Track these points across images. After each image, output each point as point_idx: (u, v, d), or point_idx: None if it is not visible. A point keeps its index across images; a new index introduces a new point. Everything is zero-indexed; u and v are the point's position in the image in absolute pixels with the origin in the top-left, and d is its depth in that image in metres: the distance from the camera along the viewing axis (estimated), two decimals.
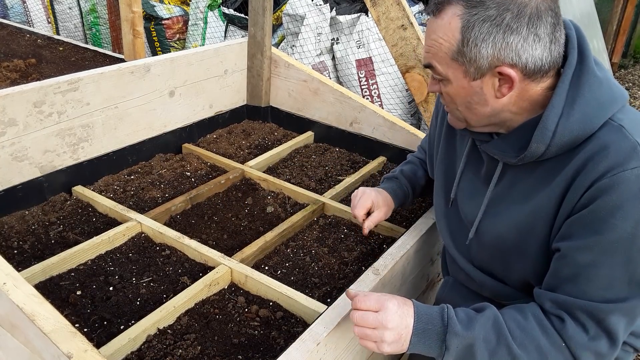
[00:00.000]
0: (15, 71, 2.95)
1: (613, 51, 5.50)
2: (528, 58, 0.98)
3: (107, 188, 1.84)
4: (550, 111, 0.99)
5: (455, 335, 1.02)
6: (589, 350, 1.00)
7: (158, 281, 1.42)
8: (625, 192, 0.93)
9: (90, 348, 0.93)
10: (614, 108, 0.99)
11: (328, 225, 1.75)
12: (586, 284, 0.99)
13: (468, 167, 1.25)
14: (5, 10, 5.16)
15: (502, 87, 1.02)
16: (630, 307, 0.98)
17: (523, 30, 0.96)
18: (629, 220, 0.94)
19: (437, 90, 1.12)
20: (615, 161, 0.95)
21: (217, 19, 4.39)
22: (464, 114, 1.10)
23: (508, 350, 1.01)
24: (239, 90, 2.40)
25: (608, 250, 0.96)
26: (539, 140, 1.01)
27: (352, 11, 3.98)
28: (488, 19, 0.96)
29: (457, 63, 1.02)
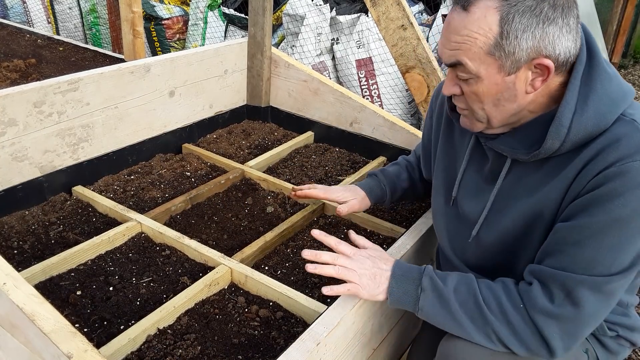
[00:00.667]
0: (15, 71, 2.95)
1: (613, 51, 5.49)
2: (561, 49, 0.97)
3: (107, 188, 1.84)
4: (565, 107, 0.99)
5: (429, 277, 1.11)
6: (547, 315, 1.00)
7: (158, 281, 1.42)
8: (630, 180, 0.94)
9: (90, 348, 0.92)
10: (625, 103, 1.00)
11: (328, 226, 1.75)
12: (568, 260, 1.00)
13: (471, 165, 1.24)
14: (5, 10, 5.16)
15: (535, 81, 1.01)
16: (602, 282, 0.97)
17: (559, 20, 0.95)
18: (627, 207, 0.94)
19: (458, 91, 1.08)
20: (626, 152, 0.95)
21: (217, 19, 4.39)
22: (489, 113, 1.06)
23: (475, 300, 1.06)
24: (239, 90, 2.40)
25: (597, 233, 0.97)
26: (554, 136, 1.00)
27: (352, 11, 3.98)
28: (528, 10, 0.94)
29: (492, 58, 0.98)
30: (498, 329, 1.04)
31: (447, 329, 1.12)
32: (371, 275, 1.15)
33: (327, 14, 3.83)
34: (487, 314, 1.04)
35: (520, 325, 1.02)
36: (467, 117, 1.13)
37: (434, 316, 1.11)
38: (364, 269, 1.15)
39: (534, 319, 1.01)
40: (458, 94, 1.08)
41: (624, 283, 0.99)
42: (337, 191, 1.54)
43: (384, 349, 1.46)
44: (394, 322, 1.45)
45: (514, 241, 1.13)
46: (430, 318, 1.12)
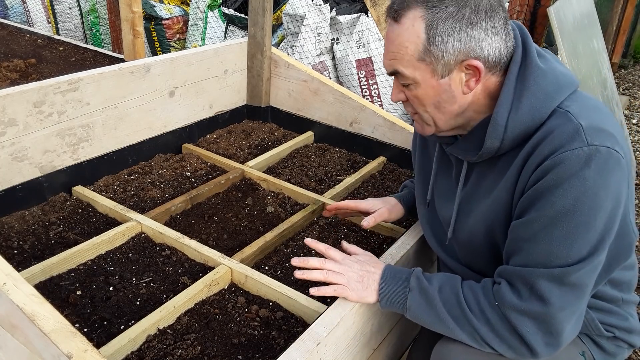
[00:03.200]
0: (15, 71, 2.95)
1: (613, 51, 5.49)
2: (490, 50, 1.03)
3: (107, 188, 1.84)
4: (500, 107, 1.04)
5: (416, 277, 1.15)
6: (518, 312, 1.02)
7: (158, 281, 1.42)
8: (566, 170, 0.97)
9: (90, 348, 0.92)
10: (561, 96, 1.04)
11: (328, 226, 1.75)
12: (526, 257, 1.03)
13: (440, 170, 1.31)
14: (5, 10, 5.16)
15: (470, 81, 1.05)
16: (561, 274, 0.99)
17: (482, 23, 1.01)
18: (567, 197, 0.97)
19: (402, 98, 1.14)
20: (559, 143, 0.99)
21: (217, 19, 4.39)
22: (433, 116, 1.12)
23: (457, 300, 1.09)
24: (239, 90, 2.40)
25: (547, 226, 0.99)
26: (492, 136, 1.06)
27: (352, 11, 3.98)
28: (450, 16, 1.00)
29: (424, 63, 1.04)
30: (478, 327, 1.06)
31: (434, 329, 1.13)
32: (359, 278, 1.18)
33: (327, 14, 3.83)
34: (467, 313, 1.07)
35: (497, 323, 1.04)
36: (417, 121, 1.18)
37: (420, 316, 1.13)
38: (352, 272, 1.18)
39: (507, 316, 1.03)
40: (403, 99, 1.14)
41: (588, 272, 1.00)
42: (369, 201, 1.55)
43: (384, 349, 1.46)
44: (394, 322, 1.45)
45: (482, 241, 1.17)
46: (417, 318, 1.14)
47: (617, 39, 5.44)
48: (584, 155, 0.96)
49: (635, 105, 5.02)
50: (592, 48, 3.52)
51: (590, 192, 0.96)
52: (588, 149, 0.96)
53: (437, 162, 1.30)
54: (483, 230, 1.16)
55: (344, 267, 1.19)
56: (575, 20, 3.20)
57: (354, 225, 1.75)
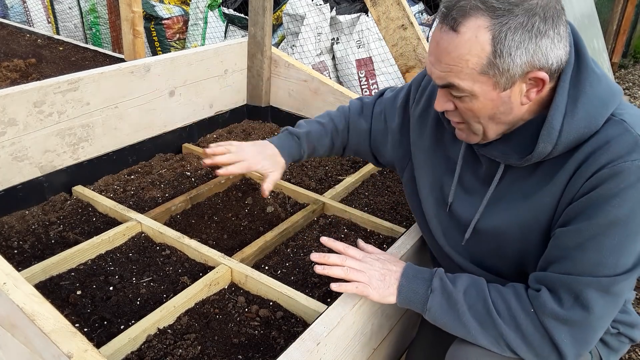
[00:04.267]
0: (16, 71, 2.95)
1: (613, 51, 5.50)
2: (554, 59, 0.97)
3: (107, 188, 1.84)
4: (555, 110, 0.99)
5: (440, 279, 1.11)
6: (558, 320, 0.99)
7: (158, 281, 1.42)
8: (624, 181, 0.94)
9: (91, 348, 0.93)
10: (614, 104, 1.00)
11: (328, 225, 1.75)
12: (572, 265, 1.00)
13: (464, 169, 1.23)
14: (5, 10, 5.16)
15: (530, 92, 1.00)
16: (608, 284, 0.97)
17: (550, 32, 0.95)
18: (624, 207, 0.95)
19: (451, 108, 1.07)
20: (617, 153, 0.96)
21: (217, 18, 4.40)
22: (485, 126, 1.06)
23: (484, 304, 1.05)
24: (239, 90, 2.40)
25: (598, 235, 0.97)
26: (546, 140, 1.00)
27: (352, 11, 3.98)
28: (520, 27, 0.92)
29: (486, 77, 0.97)
30: (506, 333, 1.03)
31: (453, 332, 1.11)
32: (381, 276, 1.14)
33: (327, 14, 3.83)
34: (496, 318, 1.04)
35: (529, 330, 1.02)
36: (462, 130, 1.12)
37: (441, 317, 1.10)
38: (374, 270, 1.15)
39: (544, 323, 1.00)
40: (451, 109, 1.07)
41: (629, 283, 0.99)
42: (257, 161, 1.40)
43: (384, 348, 1.46)
44: (394, 322, 1.45)
45: (511, 244, 1.13)
46: (437, 319, 1.11)
47: (617, 38, 5.44)
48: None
49: (636, 105, 5.03)
50: (592, 48, 3.52)
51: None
52: None
53: (462, 160, 1.22)
54: (516, 232, 1.11)
55: (365, 265, 1.15)
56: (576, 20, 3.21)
57: (354, 225, 1.75)
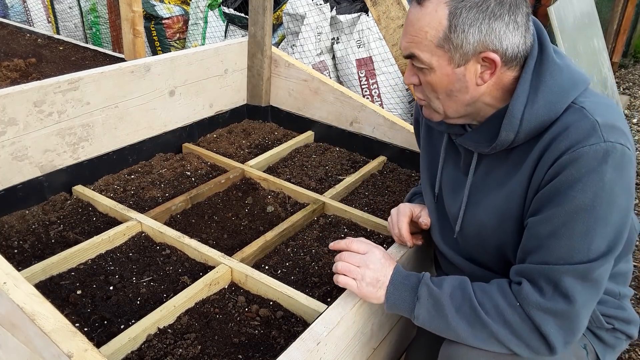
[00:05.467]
0: (16, 70, 2.95)
1: (613, 51, 5.49)
2: (508, 44, 1.02)
3: (108, 187, 1.84)
4: (516, 100, 1.04)
5: (426, 285, 1.13)
6: (542, 310, 1.01)
7: (158, 281, 1.42)
8: (584, 166, 0.97)
9: (91, 347, 0.93)
10: (575, 92, 1.04)
11: (328, 225, 1.75)
12: (547, 253, 1.02)
13: (447, 162, 1.29)
14: (5, 9, 5.16)
15: (484, 74, 1.05)
16: (584, 270, 0.99)
17: (505, 16, 1.01)
18: (587, 192, 0.97)
19: (415, 82, 1.13)
20: (576, 139, 0.99)
21: (217, 18, 4.39)
22: (443, 103, 1.12)
23: (470, 305, 1.07)
24: (239, 89, 2.40)
25: (567, 221, 1.00)
26: (507, 128, 1.05)
27: (353, 10, 3.98)
28: (475, 6, 0.99)
29: (442, 50, 1.03)
30: (496, 330, 1.05)
31: (444, 335, 1.13)
32: (374, 279, 1.16)
33: (328, 13, 3.83)
34: (483, 317, 1.06)
35: (518, 324, 1.04)
36: (426, 107, 1.18)
37: (430, 323, 1.12)
38: (369, 270, 1.17)
39: (530, 315, 1.02)
40: (416, 83, 1.13)
41: (607, 268, 1.01)
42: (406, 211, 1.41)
43: (384, 348, 1.46)
44: (395, 322, 1.46)
45: (492, 234, 1.17)
46: (426, 325, 1.13)
47: (617, 38, 5.43)
48: (601, 151, 0.97)
49: (636, 105, 5.02)
50: (592, 47, 3.52)
51: (608, 187, 0.97)
52: (605, 145, 0.97)
53: (444, 152, 1.29)
54: (494, 222, 1.15)
55: (366, 263, 1.18)
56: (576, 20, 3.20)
57: (354, 225, 1.75)
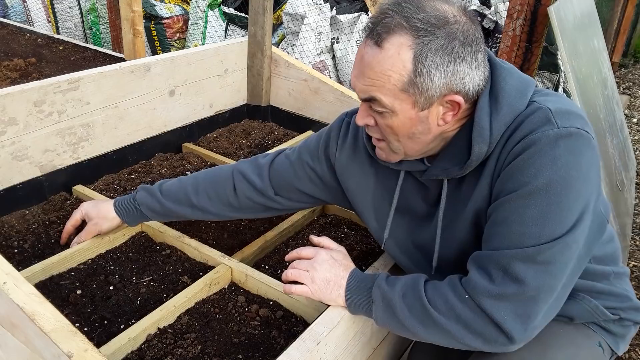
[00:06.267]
0: (16, 70, 2.95)
1: (613, 50, 5.50)
2: (471, 84, 1.01)
3: (108, 187, 1.84)
4: (481, 111, 1.02)
5: (378, 287, 1.11)
6: (493, 297, 0.98)
7: (158, 280, 1.42)
8: (535, 151, 0.97)
9: (91, 347, 0.93)
10: (529, 92, 1.05)
11: (328, 225, 1.75)
12: (498, 240, 1.01)
13: (407, 199, 1.22)
14: (5, 9, 5.16)
15: (446, 115, 1.03)
16: (532, 254, 0.96)
17: (468, 57, 0.99)
18: (539, 176, 0.96)
19: (371, 122, 1.08)
20: (530, 128, 0.99)
21: (217, 18, 4.40)
22: (404, 145, 1.08)
23: (421, 303, 1.05)
24: (239, 89, 2.40)
25: (519, 206, 0.98)
26: (479, 140, 1.02)
27: (353, 10, 3.98)
28: (440, 49, 0.96)
29: (406, 94, 1.00)
30: (449, 327, 1.02)
31: (404, 335, 1.11)
32: (324, 280, 1.15)
33: (328, 13, 3.83)
34: (434, 315, 1.03)
35: (469, 317, 1.00)
36: (382, 149, 1.13)
37: (388, 324, 1.11)
38: (320, 272, 1.16)
39: (481, 305, 0.99)
40: (372, 124, 1.08)
41: (562, 249, 0.97)
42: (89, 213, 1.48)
43: (384, 348, 1.46)
44: None
45: (473, 248, 1.11)
46: (386, 326, 1.12)
47: (617, 38, 5.44)
48: (553, 136, 0.96)
49: (636, 105, 5.03)
50: (592, 47, 3.52)
51: (563, 171, 0.95)
52: (558, 130, 0.96)
53: (403, 192, 1.22)
54: (472, 235, 1.12)
55: (313, 265, 1.17)
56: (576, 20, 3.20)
57: (354, 225, 1.75)
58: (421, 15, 0.97)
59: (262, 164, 1.41)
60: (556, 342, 1.13)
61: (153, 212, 1.46)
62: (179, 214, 1.46)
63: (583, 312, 1.15)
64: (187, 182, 1.45)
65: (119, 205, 1.48)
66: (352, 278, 1.16)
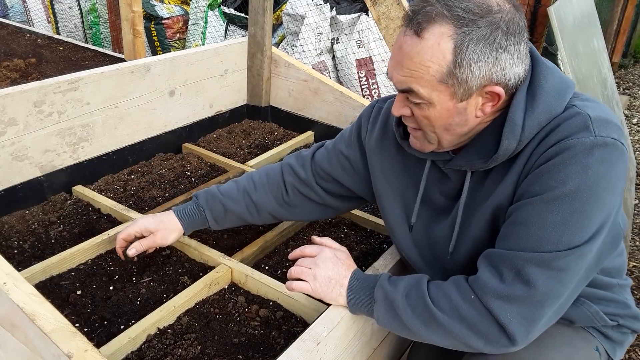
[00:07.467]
0: (16, 71, 2.95)
1: (613, 51, 5.50)
2: (512, 75, 0.98)
3: (108, 188, 1.84)
4: (516, 107, 1.00)
5: (380, 287, 1.10)
6: (501, 298, 0.97)
7: (158, 281, 1.42)
8: (568, 157, 0.95)
9: (91, 348, 0.93)
10: (569, 94, 1.02)
11: (328, 225, 1.75)
12: (515, 240, 0.99)
13: (429, 190, 1.21)
14: (5, 9, 5.16)
15: (485, 106, 1.01)
16: (548, 259, 0.96)
17: (510, 47, 0.96)
18: (568, 183, 0.94)
19: (407, 113, 1.06)
20: (566, 133, 0.97)
21: (217, 18, 4.40)
22: (440, 136, 1.07)
23: (424, 303, 1.04)
24: (239, 89, 2.40)
25: (542, 210, 0.96)
26: (509, 136, 1.00)
27: (352, 11, 3.98)
28: (482, 39, 0.94)
29: (445, 85, 0.97)
30: (452, 327, 1.01)
31: (406, 336, 1.11)
32: (326, 278, 1.15)
33: (328, 14, 3.83)
34: (437, 315, 1.02)
35: (474, 318, 1.00)
36: (417, 138, 1.12)
37: (390, 325, 1.10)
38: (322, 270, 1.16)
39: (487, 305, 0.98)
40: (408, 115, 1.07)
41: (576, 259, 0.96)
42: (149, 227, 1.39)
43: (385, 348, 1.46)
44: None
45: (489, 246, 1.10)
46: (387, 327, 1.12)
47: (617, 38, 5.44)
48: (589, 144, 0.94)
49: (636, 105, 5.03)
50: (592, 48, 3.52)
51: (592, 181, 0.94)
52: (594, 139, 0.94)
53: (427, 182, 1.21)
54: (489, 232, 1.10)
55: (316, 263, 1.17)
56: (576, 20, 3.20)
57: (354, 225, 1.75)
58: (464, 4, 0.94)
59: (304, 156, 1.45)
60: (553, 342, 1.13)
61: (216, 216, 1.43)
62: (237, 214, 1.43)
63: (583, 316, 1.15)
64: (244, 181, 1.46)
65: (181, 214, 1.41)
66: (354, 278, 1.16)
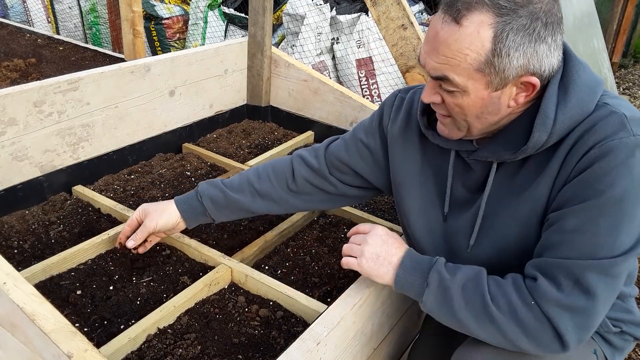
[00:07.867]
0: (16, 71, 2.95)
1: (613, 51, 5.50)
2: (547, 66, 0.97)
3: (107, 188, 1.84)
4: (548, 100, 0.99)
5: (437, 272, 1.08)
6: (561, 307, 0.97)
7: (158, 281, 1.42)
8: (613, 159, 0.94)
9: (91, 348, 0.93)
10: (600, 90, 1.01)
11: (328, 225, 1.75)
12: (569, 249, 0.98)
13: (455, 180, 1.21)
14: (5, 9, 5.16)
15: (519, 96, 1.00)
16: (608, 265, 0.95)
17: (548, 39, 0.95)
18: (616, 187, 0.94)
19: (438, 101, 1.05)
20: (605, 133, 0.96)
21: (217, 18, 4.40)
22: (470, 124, 1.06)
23: (482, 299, 1.03)
24: (239, 89, 2.40)
25: (593, 215, 0.96)
26: (541, 129, 0.99)
27: (352, 11, 3.98)
28: (522, 28, 0.93)
29: (481, 74, 0.96)
30: (506, 327, 1.01)
31: (449, 325, 1.10)
32: (374, 254, 1.14)
33: (327, 14, 3.83)
34: (494, 314, 1.02)
35: (531, 323, 0.99)
36: (445, 125, 1.11)
37: (436, 311, 1.09)
38: (371, 247, 1.15)
39: (548, 313, 0.98)
40: (439, 102, 1.06)
41: (627, 265, 0.97)
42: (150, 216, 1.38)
43: (385, 348, 1.46)
44: (395, 322, 1.45)
45: (513, 243, 1.11)
46: (432, 312, 1.11)
47: (617, 38, 5.44)
48: (631, 145, 0.94)
49: (636, 105, 5.03)
50: (592, 47, 3.52)
51: (636, 182, 0.94)
52: (634, 139, 0.94)
53: (452, 170, 1.19)
54: (516, 230, 1.09)
55: (365, 239, 1.16)
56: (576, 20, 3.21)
57: (355, 225, 1.74)
58: None
59: (318, 147, 1.45)
60: None
61: (215, 204, 1.39)
62: (240, 203, 1.40)
63: None
64: (249, 172, 1.46)
65: (179, 200, 1.41)
66: (408, 257, 1.13)
